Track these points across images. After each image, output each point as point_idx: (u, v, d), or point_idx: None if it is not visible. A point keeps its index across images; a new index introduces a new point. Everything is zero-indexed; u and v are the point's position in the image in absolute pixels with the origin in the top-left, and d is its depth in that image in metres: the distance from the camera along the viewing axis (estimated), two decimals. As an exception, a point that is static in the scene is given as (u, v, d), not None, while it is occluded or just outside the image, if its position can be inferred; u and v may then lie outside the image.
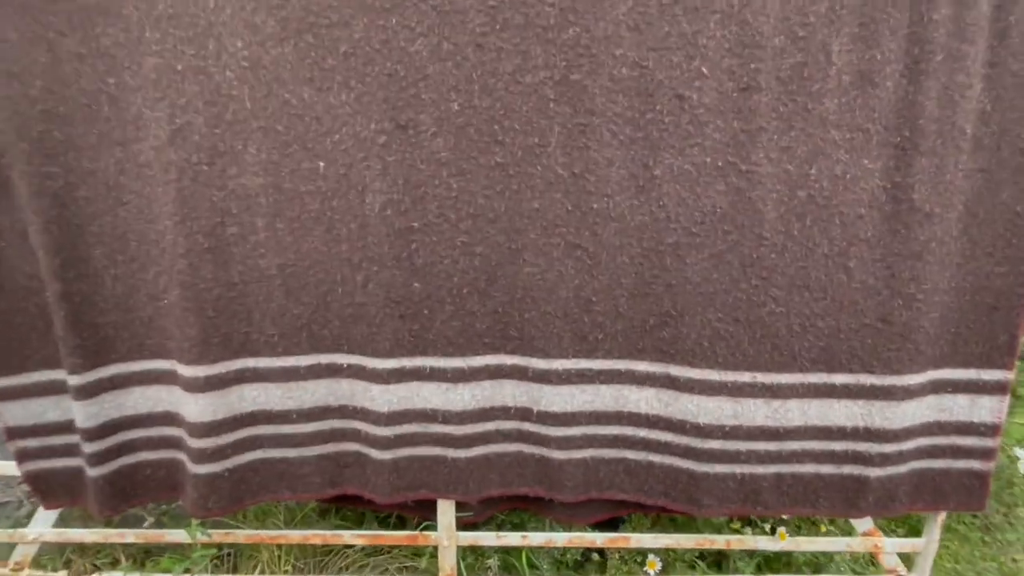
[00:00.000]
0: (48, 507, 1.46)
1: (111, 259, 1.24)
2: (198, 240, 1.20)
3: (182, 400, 1.32)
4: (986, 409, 1.35)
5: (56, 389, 1.35)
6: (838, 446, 1.36)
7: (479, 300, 1.25)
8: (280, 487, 1.39)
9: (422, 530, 1.55)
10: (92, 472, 1.35)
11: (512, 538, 1.55)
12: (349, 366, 1.32)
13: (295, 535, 1.53)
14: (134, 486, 1.41)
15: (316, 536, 1.54)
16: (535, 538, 1.55)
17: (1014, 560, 2.09)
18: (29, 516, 1.67)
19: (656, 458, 1.37)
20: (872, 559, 1.71)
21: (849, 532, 1.83)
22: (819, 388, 1.34)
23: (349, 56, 1.11)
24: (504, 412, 1.35)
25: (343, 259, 1.23)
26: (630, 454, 1.37)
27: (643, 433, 1.35)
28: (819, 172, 1.19)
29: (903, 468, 1.37)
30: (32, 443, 1.37)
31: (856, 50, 1.12)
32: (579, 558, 1.69)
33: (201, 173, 1.17)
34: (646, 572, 1.64)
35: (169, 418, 1.37)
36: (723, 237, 1.21)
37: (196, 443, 1.30)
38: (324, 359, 1.32)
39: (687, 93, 1.13)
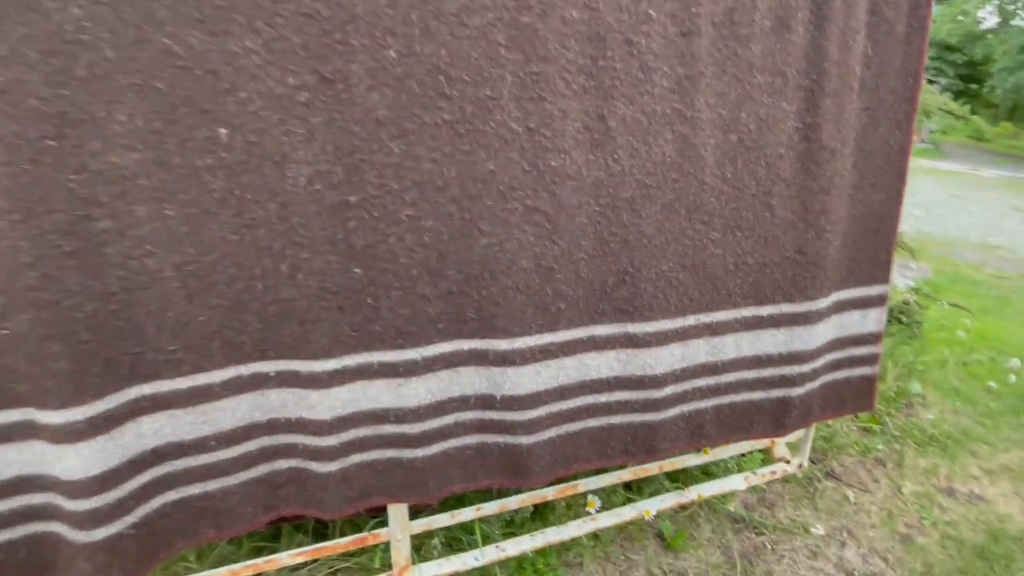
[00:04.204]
0: None
1: (-94, 283, 0.87)
2: (52, 242, 0.89)
3: (48, 456, 1.00)
4: (872, 320, 1.55)
5: None
6: (766, 372, 1.47)
7: (430, 281, 1.11)
8: (202, 528, 1.14)
9: (371, 529, 1.39)
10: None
11: (466, 513, 1.46)
12: (277, 374, 1.10)
13: (222, 572, 1.28)
14: (-18, 581, 1.05)
15: (247, 568, 1.30)
16: (489, 507, 1.48)
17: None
18: None
19: (616, 419, 1.36)
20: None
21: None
22: (750, 321, 1.43)
23: (252, -11, 0.87)
24: (463, 403, 1.23)
25: (261, 248, 1.00)
26: (592, 422, 1.34)
27: (604, 398, 1.33)
28: (747, 116, 1.23)
29: (817, 383, 1.53)
30: None
31: (776, -5, 1.16)
32: (529, 515, 1.66)
33: (46, 151, 0.85)
34: (588, 512, 1.66)
35: (26, 484, 1.03)
36: (671, 186, 1.21)
37: (83, 505, 1.00)
38: (244, 370, 1.08)
39: (635, 38, 1.08)
